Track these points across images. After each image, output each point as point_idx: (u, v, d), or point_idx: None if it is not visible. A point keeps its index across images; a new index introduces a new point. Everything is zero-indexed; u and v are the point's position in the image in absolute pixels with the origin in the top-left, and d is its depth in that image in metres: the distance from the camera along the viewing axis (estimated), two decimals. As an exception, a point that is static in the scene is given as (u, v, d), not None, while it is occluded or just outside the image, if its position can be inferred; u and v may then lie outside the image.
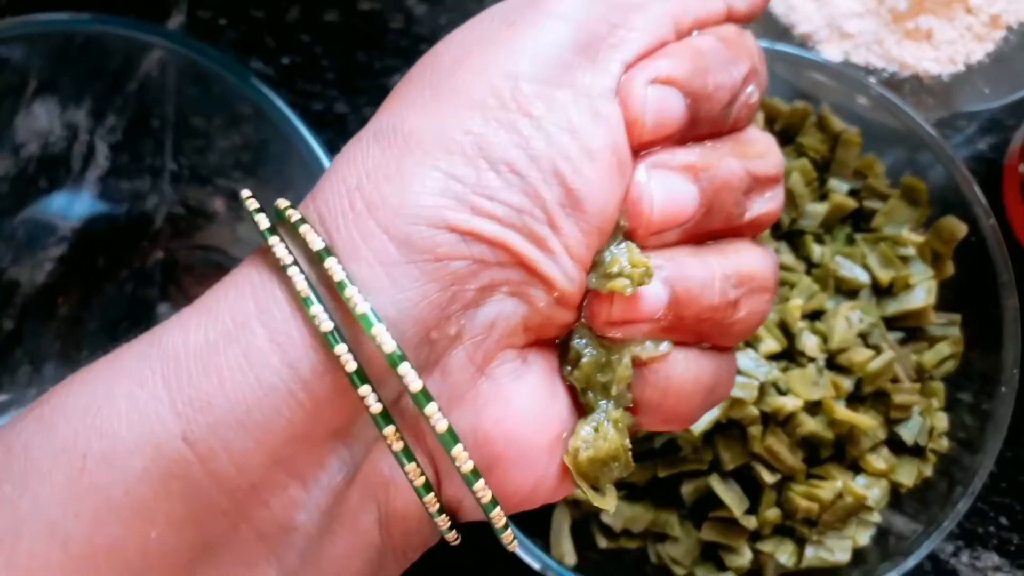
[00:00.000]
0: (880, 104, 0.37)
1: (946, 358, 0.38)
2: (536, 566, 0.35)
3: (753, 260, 0.21)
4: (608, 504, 0.20)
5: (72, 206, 0.48)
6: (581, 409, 0.21)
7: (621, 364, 0.20)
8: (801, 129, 0.39)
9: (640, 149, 0.20)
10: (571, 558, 0.37)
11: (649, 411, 0.21)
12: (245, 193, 0.20)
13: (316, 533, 0.18)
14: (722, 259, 0.21)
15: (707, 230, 0.21)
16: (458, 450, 0.18)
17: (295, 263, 0.18)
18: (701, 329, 0.20)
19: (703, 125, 0.21)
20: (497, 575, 0.41)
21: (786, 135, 0.39)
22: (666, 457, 0.36)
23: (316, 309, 0.17)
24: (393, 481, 0.19)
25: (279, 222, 0.19)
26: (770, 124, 0.39)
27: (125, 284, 0.48)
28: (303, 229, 0.18)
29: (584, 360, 0.20)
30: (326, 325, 0.17)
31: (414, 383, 0.18)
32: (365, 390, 0.18)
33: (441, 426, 0.18)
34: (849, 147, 0.38)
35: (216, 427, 0.17)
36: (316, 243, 0.18)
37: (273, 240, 0.18)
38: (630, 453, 0.21)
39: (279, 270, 0.18)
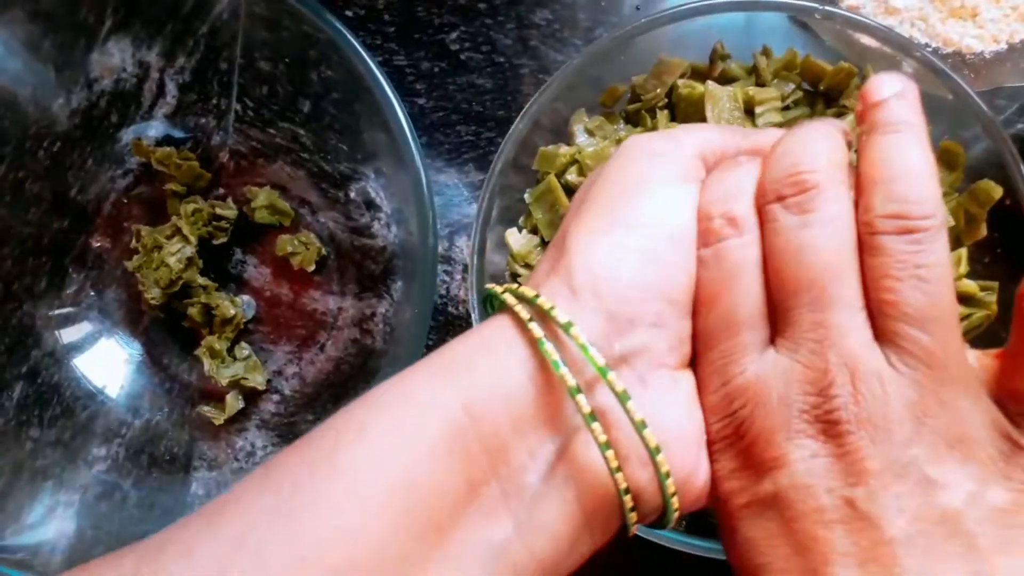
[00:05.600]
0: (926, 68, 0.39)
1: (975, 320, 0.39)
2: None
3: None
4: None
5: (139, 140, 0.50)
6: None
7: None
8: (845, 91, 0.40)
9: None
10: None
11: None
12: (498, 289, 0.27)
13: (537, 495, 0.25)
14: None
15: None
16: (647, 432, 0.24)
17: (530, 318, 0.25)
18: None
19: None
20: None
21: (829, 96, 0.41)
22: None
23: (548, 348, 0.25)
24: (588, 463, 0.25)
25: (514, 294, 0.27)
26: (814, 85, 0.41)
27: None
28: (540, 300, 0.25)
29: None
30: (552, 355, 0.24)
31: (618, 385, 0.24)
32: (581, 399, 0.24)
33: (637, 416, 0.24)
34: (891, 110, 0.40)
35: (481, 402, 0.24)
36: (547, 304, 0.25)
37: (512, 302, 0.26)
38: None
39: (519, 322, 0.26)
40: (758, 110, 0.40)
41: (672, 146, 0.28)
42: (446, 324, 0.50)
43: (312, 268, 0.49)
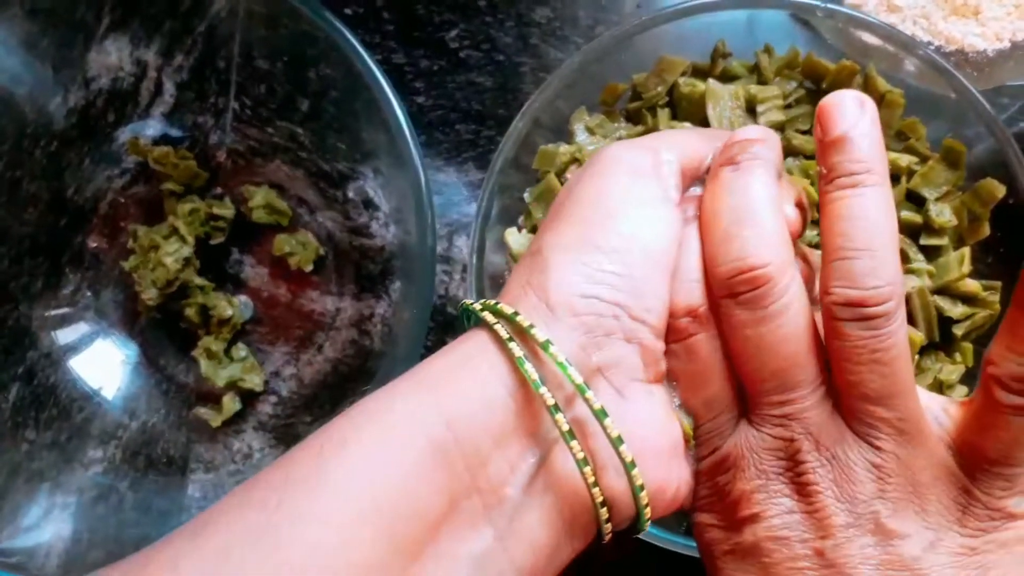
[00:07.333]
0: (929, 66, 0.38)
1: (977, 320, 0.39)
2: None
3: None
4: None
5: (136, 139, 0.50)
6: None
7: None
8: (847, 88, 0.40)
9: None
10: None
11: None
12: (477, 306, 0.27)
13: (517, 506, 0.25)
14: None
15: None
16: (624, 448, 0.25)
17: (510, 337, 0.26)
18: None
19: None
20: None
21: (832, 95, 0.41)
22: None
23: (528, 367, 0.25)
24: (567, 475, 0.25)
25: (492, 311, 0.27)
26: (816, 83, 0.41)
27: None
28: (519, 318, 0.26)
29: None
30: (532, 375, 0.25)
31: (596, 403, 0.25)
32: (560, 418, 0.25)
33: (614, 433, 0.25)
34: (893, 108, 0.39)
35: (464, 418, 0.25)
36: (525, 323, 0.26)
37: (491, 320, 0.26)
38: None
39: (499, 340, 0.26)
40: (760, 108, 0.40)
41: (652, 162, 0.28)
42: (445, 324, 0.50)
43: (310, 268, 0.49)
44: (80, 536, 0.45)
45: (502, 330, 0.26)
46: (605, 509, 0.26)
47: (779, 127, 0.40)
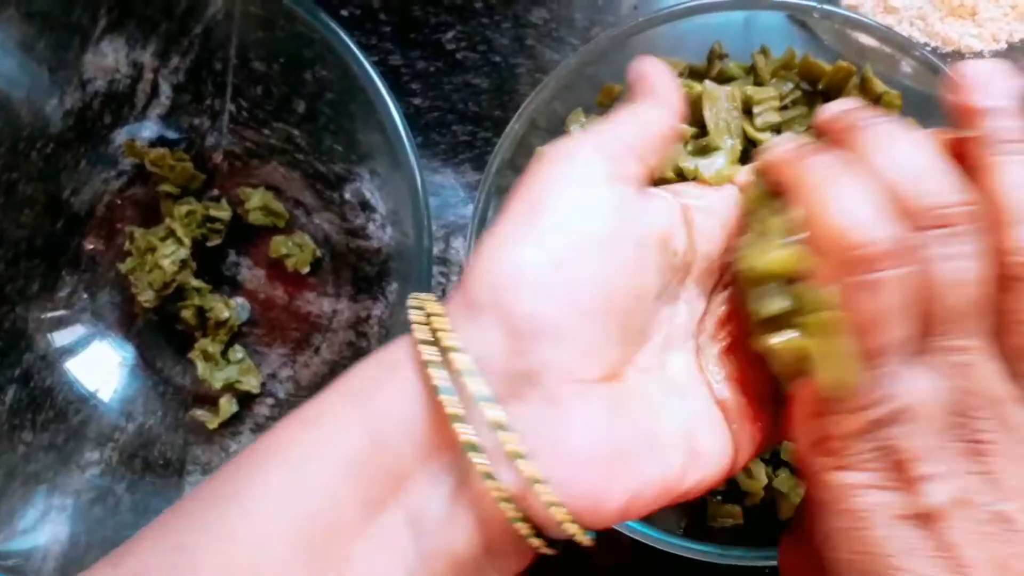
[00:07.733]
0: (925, 68, 0.38)
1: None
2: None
3: None
4: None
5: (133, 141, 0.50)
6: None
7: None
8: (843, 90, 0.40)
9: None
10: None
11: None
12: (413, 302, 0.26)
13: (440, 521, 0.24)
14: None
15: None
16: (522, 463, 0.24)
17: (426, 340, 0.25)
18: None
19: None
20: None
21: (827, 96, 0.41)
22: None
23: (436, 373, 0.24)
24: (487, 489, 0.24)
25: (419, 308, 0.26)
26: (813, 84, 0.41)
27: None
28: (435, 319, 0.25)
29: None
30: (437, 382, 0.24)
31: (493, 415, 0.24)
32: (459, 428, 0.24)
33: (510, 447, 0.24)
34: (890, 109, 0.39)
35: (384, 427, 0.24)
36: (439, 323, 0.25)
37: (417, 328, 0.25)
38: None
39: (415, 343, 0.25)
40: (756, 110, 0.39)
41: (591, 143, 0.27)
42: (442, 326, 0.49)
43: (307, 270, 0.49)
44: (77, 538, 0.45)
45: (422, 331, 0.25)
46: (526, 525, 0.24)
47: (775, 128, 0.39)
